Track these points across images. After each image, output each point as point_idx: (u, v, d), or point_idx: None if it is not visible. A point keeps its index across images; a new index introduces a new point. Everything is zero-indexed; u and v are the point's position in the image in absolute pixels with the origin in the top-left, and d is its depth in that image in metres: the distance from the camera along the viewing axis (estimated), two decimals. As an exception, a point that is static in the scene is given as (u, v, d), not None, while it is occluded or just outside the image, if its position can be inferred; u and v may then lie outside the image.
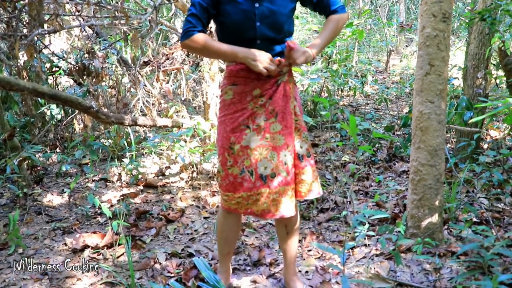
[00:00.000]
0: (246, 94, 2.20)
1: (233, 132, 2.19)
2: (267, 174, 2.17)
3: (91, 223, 3.60)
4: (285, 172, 2.18)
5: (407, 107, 6.94)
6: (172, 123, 4.41)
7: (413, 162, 2.84)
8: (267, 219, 2.22)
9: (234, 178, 2.19)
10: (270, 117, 2.17)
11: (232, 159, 2.19)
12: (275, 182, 2.17)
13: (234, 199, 2.21)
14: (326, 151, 4.93)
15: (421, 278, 2.50)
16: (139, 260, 2.93)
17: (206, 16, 2.15)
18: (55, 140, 5.35)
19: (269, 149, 2.18)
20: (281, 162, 2.18)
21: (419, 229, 2.83)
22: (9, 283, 2.73)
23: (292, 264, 2.48)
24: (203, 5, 2.12)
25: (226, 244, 2.46)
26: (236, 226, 2.42)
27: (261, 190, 2.18)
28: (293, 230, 2.38)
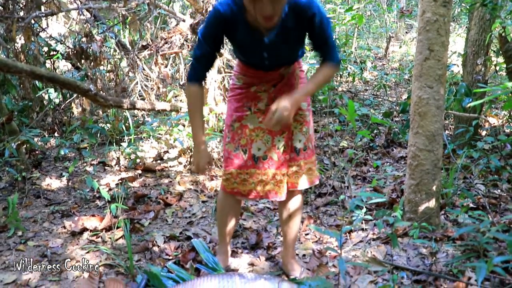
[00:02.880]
0: (254, 83, 2.27)
1: (236, 111, 2.28)
2: (259, 156, 2.24)
3: (90, 206, 3.61)
4: (276, 156, 2.25)
5: (406, 94, 6.94)
6: (171, 107, 4.41)
7: (411, 147, 2.85)
8: (250, 198, 2.26)
9: (228, 154, 2.29)
10: (271, 103, 2.18)
11: (230, 136, 2.29)
12: (265, 164, 2.25)
13: (225, 175, 2.29)
14: (325, 136, 4.94)
15: (417, 262, 2.52)
16: (138, 243, 2.95)
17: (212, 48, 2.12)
18: (53, 124, 5.34)
19: (265, 133, 2.24)
20: (275, 147, 2.25)
21: (416, 213, 2.85)
22: (9, 264, 2.75)
23: (291, 247, 2.50)
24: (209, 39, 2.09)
25: (225, 225, 2.48)
26: (235, 208, 2.46)
27: (250, 170, 2.26)
28: (295, 212, 2.41)
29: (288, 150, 2.27)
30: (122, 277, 2.55)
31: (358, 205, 3.14)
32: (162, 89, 5.10)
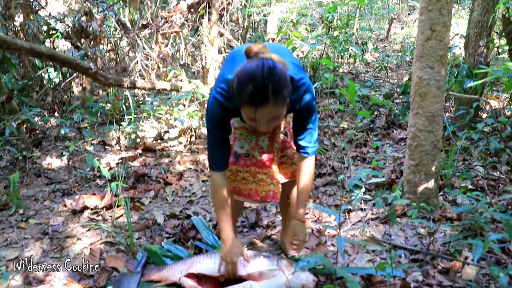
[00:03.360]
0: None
1: None
2: (241, 153, 2.23)
3: (90, 185, 3.63)
4: (259, 156, 2.22)
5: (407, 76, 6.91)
6: (171, 87, 4.39)
7: (411, 128, 2.85)
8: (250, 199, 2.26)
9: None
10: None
11: None
12: (247, 161, 2.23)
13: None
14: (325, 117, 4.93)
15: (415, 241, 2.54)
16: (138, 221, 2.98)
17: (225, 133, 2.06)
18: (53, 104, 5.34)
19: (250, 133, 2.23)
20: (258, 146, 2.24)
21: (415, 194, 2.86)
22: (11, 241, 2.78)
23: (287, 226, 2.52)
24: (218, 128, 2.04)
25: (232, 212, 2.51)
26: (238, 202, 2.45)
27: (231, 167, 2.23)
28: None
29: (272, 149, 2.25)
30: (123, 255, 2.58)
31: (357, 184, 3.15)
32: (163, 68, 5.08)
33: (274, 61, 1.74)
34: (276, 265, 2.09)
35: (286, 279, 2.02)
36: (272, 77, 1.70)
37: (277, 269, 2.06)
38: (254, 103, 1.73)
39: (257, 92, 1.71)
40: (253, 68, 1.72)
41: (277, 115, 1.81)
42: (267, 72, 1.70)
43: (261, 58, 1.75)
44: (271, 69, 1.70)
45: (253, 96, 1.72)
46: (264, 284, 2.02)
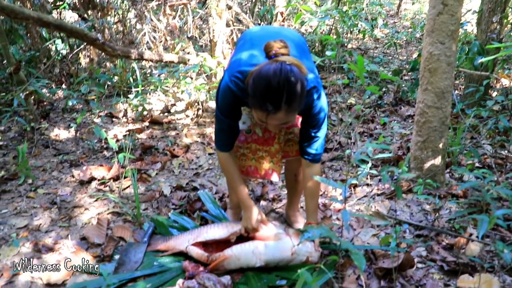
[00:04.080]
0: None
1: None
2: (243, 129, 2.21)
3: (98, 157, 3.65)
4: (261, 132, 2.20)
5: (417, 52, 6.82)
6: (179, 59, 4.37)
7: (419, 104, 2.83)
8: (248, 176, 2.26)
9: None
10: None
11: None
12: (248, 138, 2.21)
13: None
14: (333, 92, 4.90)
15: (420, 217, 2.55)
16: (145, 192, 3.00)
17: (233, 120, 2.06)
18: (60, 76, 5.33)
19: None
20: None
21: (422, 170, 2.86)
22: (21, 210, 2.82)
23: (296, 203, 2.54)
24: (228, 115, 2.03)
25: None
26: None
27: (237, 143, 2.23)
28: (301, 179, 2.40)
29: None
30: (130, 225, 2.61)
31: (364, 159, 3.14)
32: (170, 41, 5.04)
33: (292, 67, 1.72)
34: (283, 231, 2.11)
35: (293, 245, 2.04)
36: (287, 86, 1.69)
37: (284, 233, 2.09)
38: (266, 110, 1.74)
39: (271, 100, 1.72)
40: (270, 73, 1.70)
41: (288, 120, 1.83)
42: (283, 81, 1.69)
43: (280, 62, 1.73)
44: (288, 78, 1.69)
45: (266, 103, 1.73)
46: (269, 244, 2.04)
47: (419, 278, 2.01)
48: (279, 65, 1.71)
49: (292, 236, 2.09)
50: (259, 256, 2.03)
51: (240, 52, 2.00)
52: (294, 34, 2.13)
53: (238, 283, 2.03)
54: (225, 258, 2.04)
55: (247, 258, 2.05)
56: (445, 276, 2.02)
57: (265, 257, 2.04)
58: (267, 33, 2.04)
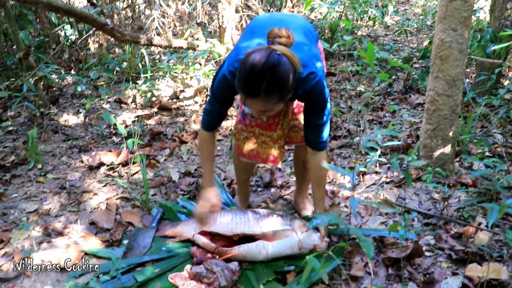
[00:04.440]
0: None
1: None
2: (248, 113, 2.21)
3: (106, 142, 3.67)
4: (265, 117, 2.19)
5: (428, 40, 6.75)
6: (188, 45, 4.36)
7: (430, 91, 2.80)
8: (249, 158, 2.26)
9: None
10: None
11: None
12: (253, 122, 2.20)
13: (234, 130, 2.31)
14: (342, 80, 4.87)
15: (429, 206, 2.54)
16: (153, 178, 3.01)
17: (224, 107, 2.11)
18: (69, 61, 5.34)
19: None
20: None
21: (431, 159, 2.84)
22: (31, 195, 2.84)
23: (304, 190, 2.54)
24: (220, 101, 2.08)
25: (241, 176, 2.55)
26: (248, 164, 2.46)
27: (237, 125, 2.25)
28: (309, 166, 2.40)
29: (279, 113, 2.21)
30: (138, 210, 2.63)
31: (373, 147, 3.13)
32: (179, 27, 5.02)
33: (281, 57, 1.73)
34: (289, 225, 2.11)
35: (298, 240, 2.04)
36: (270, 74, 1.70)
37: (290, 229, 2.08)
38: (245, 92, 1.77)
39: (250, 85, 1.74)
40: (256, 58, 1.72)
41: (268, 109, 1.85)
42: (266, 68, 1.70)
43: (270, 49, 1.74)
44: (273, 67, 1.71)
45: (246, 86, 1.75)
46: (276, 244, 2.05)
47: (427, 267, 2.01)
48: (267, 52, 1.72)
49: (298, 229, 2.08)
50: (266, 255, 2.04)
51: (243, 41, 2.01)
52: (301, 20, 2.11)
53: (245, 269, 2.04)
54: (232, 255, 2.05)
55: (253, 257, 2.06)
56: (453, 264, 2.02)
57: (272, 255, 2.05)
58: (273, 21, 2.03)
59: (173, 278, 1.98)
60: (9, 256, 2.21)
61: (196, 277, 1.94)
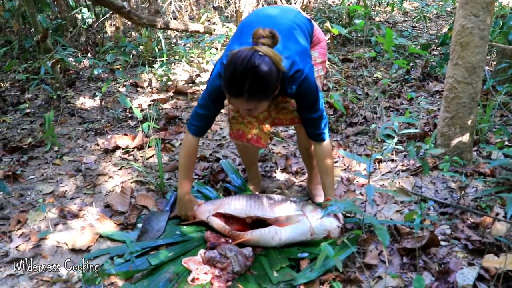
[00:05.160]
0: None
1: None
2: None
3: (122, 126, 3.68)
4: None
5: (447, 27, 6.63)
6: (204, 29, 4.34)
7: (449, 79, 2.75)
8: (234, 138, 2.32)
9: None
10: None
11: None
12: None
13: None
14: (359, 66, 4.82)
15: (445, 195, 2.51)
16: (168, 162, 3.02)
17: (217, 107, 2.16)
18: (86, 45, 5.36)
19: None
20: None
21: (448, 147, 2.80)
22: (47, 177, 2.87)
23: (315, 177, 2.52)
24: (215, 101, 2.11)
25: (245, 160, 2.55)
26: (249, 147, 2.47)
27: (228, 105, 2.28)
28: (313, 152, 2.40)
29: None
30: (153, 194, 2.64)
31: (389, 134, 3.09)
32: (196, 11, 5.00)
33: (264, 58, 1.78)
34: (301, 210, 2.10)
35: (310, 225, 2.03)
36: (252, 75, 1.76)
37: (301, 214, 2.08)
38: (229, 92, 1.85)
39: (233, 85, 1.82)
40: (239, 59, 1.78)
41: (253, 108, 1.92)
42: (248, 69, 1.76)
43: (253, 50, 1.79)
44: (254, 67, 1.76)
45: (229, 86, 1.84)
46: (288, 229, 2.04)
47: (442, 256, 1.98)
48: (250, 53, 1.78)
49: (310, 214, 2.07)
50: (278, 241, 2.04)
51: (233, 41, 2.09)
52: (292, 14, 2.14)
53: (259, 255, 2.04)
54: (245, 239, 2.05)
55: (266, 242, 2.06)
56: (469, 255, 1.99)
57: (284, 241, 2.04)
58: (261, 19, 2.09)
59: (187, 262, 1.99)
60: (26, 236, 2.24)
61: (209, 261, 1.95)
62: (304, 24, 2.14)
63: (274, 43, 1.86)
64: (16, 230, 2.30)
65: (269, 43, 1.84)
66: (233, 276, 1.90)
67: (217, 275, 1.90)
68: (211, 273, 1.91)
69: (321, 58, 2.30)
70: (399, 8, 7.39)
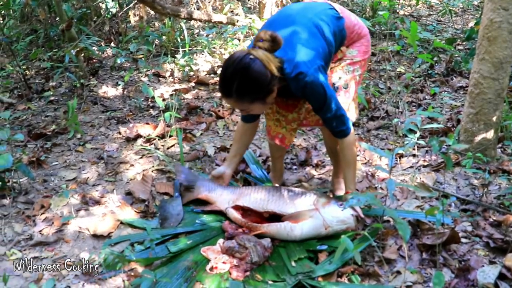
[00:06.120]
0: None
1: None
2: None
3: (144, 115, 3.71)
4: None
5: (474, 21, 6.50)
6: (227, 20, 4.34)
7: (474, 74, 2.70)
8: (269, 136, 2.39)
9: None
10: None
11: None
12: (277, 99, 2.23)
13: None
14: (381, 60, 4.77)
15: (467, 192, 2.48)
16: (189, 151, 3.04)
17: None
18: (110, 34, 5.41)
19: None
20: None
21: (472, 143, 2.76)
22: (70, 163, 2.91)
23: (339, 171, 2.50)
24: None
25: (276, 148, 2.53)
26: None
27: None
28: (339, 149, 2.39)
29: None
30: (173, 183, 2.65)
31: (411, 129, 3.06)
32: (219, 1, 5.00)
33: (255, 61, 1.84)
34: (313, 205, 2.09)
35: (323, 219, 2.02)
36: (241, 76, 1.84)
37: (314, 209, 2.06)
38: (220, 92, 1.96)
39: (223, 85, 1.92)
40: (230, 61, 1.88)
41: (245, 108, 1.99)
42: (238, 70, 1.84)
43: (246, 53, 1.87)
44: (244, 69, 1.84)
45: (220, 86, 1.95)
46: (302, 225, 2.04)
47: (463, 253, 1.96)
48: (241, 56, 1.86)
49: (322, 207, 2.06)
50: (293, 238, 2.04)
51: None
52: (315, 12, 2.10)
53: (277, 246, 2.04)
54: (261, 231, 2.06)
55: (281, 237, 2.06)
56: (491, 253, 1.97)
57: (300, 237, 2.04)
58: (280, 18, 2.13)
59: (206, 251, 2.01)
60: (49, 221, 2.29)
61: (228, 251, 1.96)
62: (328, 22, 2.07)
63: (272, 46, 1.91)
64: (40, 214, 2.35)
65: (266, 47, 1.89)
66: (251, 266, 1.91)
67: (235, 264, 1.91)
68: (230, 262, 1.93)
69: (360, 56, 2.24)
70: (424, 2, 7.28)
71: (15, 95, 4.16)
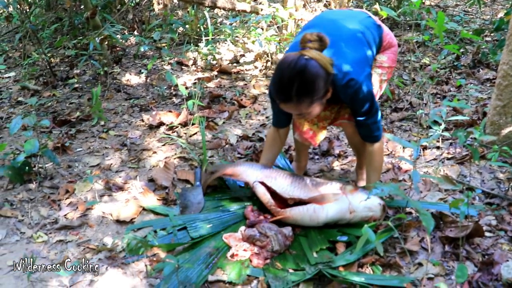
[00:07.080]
0: None
1: None
2: None
3: (167, 103, 3.74)
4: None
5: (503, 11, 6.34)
6: (251, 9, 4.32)
7: (503, 65, 2.64)
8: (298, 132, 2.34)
9: None
10: None
11: None
12: None
13: None
14: (406, 51, 4.70)
15: (492, 185, 2.43)
16: (211, 140, 3.05)
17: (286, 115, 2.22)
18: (133, 22, 5.44)
19: None
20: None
21: (498, 137, 2.71)
22: (94, 150, 2.96)
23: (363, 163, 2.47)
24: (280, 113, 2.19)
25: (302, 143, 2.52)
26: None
27: None
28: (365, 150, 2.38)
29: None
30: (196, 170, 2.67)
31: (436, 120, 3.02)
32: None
33: (310, 61, 1.80)
34: (340, 190, 2.08)
35: (350, 203, 2.01)
36: (298, 80, 1.80)
37: (340, 193, 2.05)
38: (278, 98, 1.90)
39: (281, 91, 1.86)
40: (285, 64, 1.83)
41: (303, 112, 1.92)
42: (295, 74, 1.79)
43: (299, 55, 1.82)
44: (301, 71, 1.79)
45: (277, 92, 1.89)
46: (327, 207, 2.02)
47: (486, 247, 1.93)
48: (296, 58, 1.81)
49: (349, 194, 2.05)
50: (316, 220, 2.02)
51: (293, 45, 2.08)
52: (357, 20, 2.10)
53: (298, 235, 2.05)
54: (284, 216, 2.05)
55: (304, 221, 2.05)
56: (516, 247, 1.94)
57: (323, 220, 2.03)
58: (323, 22, 2.10)
59: (227, 238, 2.02)
60: (74, 206, 2.33)
61: (249, 239, 1.97)
62: (371, 30, 2.10)
63: (322, 46, 1.87)
64: (65, 199, 2.39)
65: (316, 47, 1.86)
66: (272, 255, 1.92)
67: (256, 252, 1.92)
68: (250, 250, 1.94)
69: (388, 63, 2.25)
70: (451, -8, 7.13)
71: (41, 82, 4.23)
